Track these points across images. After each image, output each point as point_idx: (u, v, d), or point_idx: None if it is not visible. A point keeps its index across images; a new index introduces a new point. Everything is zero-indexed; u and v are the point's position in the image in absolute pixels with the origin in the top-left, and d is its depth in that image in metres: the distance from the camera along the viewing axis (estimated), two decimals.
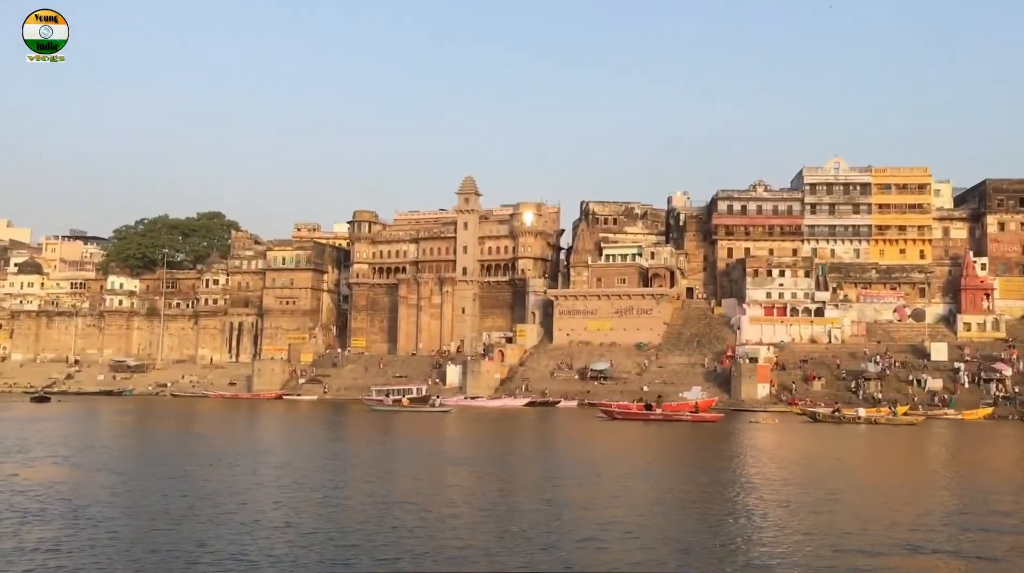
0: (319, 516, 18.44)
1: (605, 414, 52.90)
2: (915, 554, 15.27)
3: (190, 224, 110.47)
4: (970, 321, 73.93)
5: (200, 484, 23.26)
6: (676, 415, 52.13)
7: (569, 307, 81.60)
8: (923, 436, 44.11)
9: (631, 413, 52.86)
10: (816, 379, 67.56)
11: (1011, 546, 16.21)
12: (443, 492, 22.50)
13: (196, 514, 18.44)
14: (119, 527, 16.98)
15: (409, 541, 15.60)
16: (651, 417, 51.45)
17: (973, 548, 15.86)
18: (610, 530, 16.90)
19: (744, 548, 15.70)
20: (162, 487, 22.40)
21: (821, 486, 24.04)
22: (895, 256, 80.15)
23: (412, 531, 16.57)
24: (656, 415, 51.88)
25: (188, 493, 21.33)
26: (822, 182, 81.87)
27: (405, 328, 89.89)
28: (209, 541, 15.49)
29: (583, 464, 28.69)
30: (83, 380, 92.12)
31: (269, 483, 23.66)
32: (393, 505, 19.80)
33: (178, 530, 16.67)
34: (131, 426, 49.65)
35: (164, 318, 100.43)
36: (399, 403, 64.63)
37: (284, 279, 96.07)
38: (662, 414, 52.22)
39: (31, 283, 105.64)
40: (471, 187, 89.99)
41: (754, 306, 77.05)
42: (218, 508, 19.19)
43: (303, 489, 22.33)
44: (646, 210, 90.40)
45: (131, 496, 21.28)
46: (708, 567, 14.24)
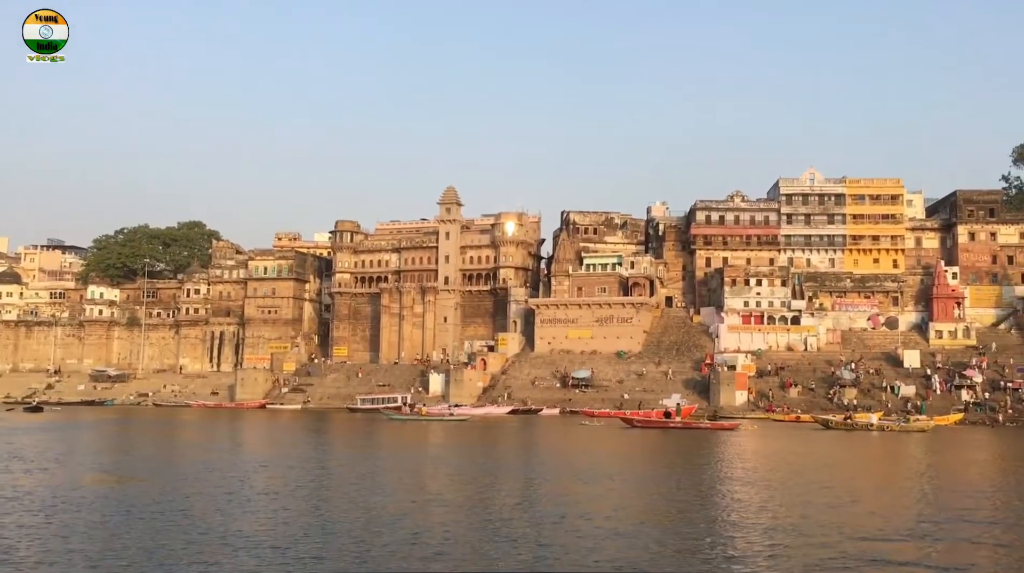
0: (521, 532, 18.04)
1: (625, 422, 53.67)
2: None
3: (170, 233, 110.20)
4: (942, 329, 75.75)
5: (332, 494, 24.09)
6: (695, 423, 54.12)
7: (550, 316, 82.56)
8: (946, 442, 44.79)
9: (651, 421, 53.83)
10: (793, 386, 68.93)
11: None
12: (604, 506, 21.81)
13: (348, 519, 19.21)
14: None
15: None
16: (670, 425, 52.49)
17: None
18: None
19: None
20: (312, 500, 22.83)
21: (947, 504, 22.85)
22: (869, 265, 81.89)
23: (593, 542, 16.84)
24: (675, 423, 53.00)
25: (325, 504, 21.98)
26: (798, 193, 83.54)
27: (387, 337, 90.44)
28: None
29: (680, 476, 28.63)
30: (64, 390, 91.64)
31: (401, 495, 23.80)
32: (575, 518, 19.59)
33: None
34: (148, 435, 50.44)
35: (145, 328, 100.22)
36: (419, 412, 64.95)
37: (266, 288, 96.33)
38: (681, 422, 53.47)
39: (10, 293, 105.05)
40: (453, 197, 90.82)
41: (732, 314, 78.39)
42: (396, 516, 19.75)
43: (478, 509, 21.56)
44: (625, 220, 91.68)
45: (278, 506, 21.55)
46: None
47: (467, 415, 63.86)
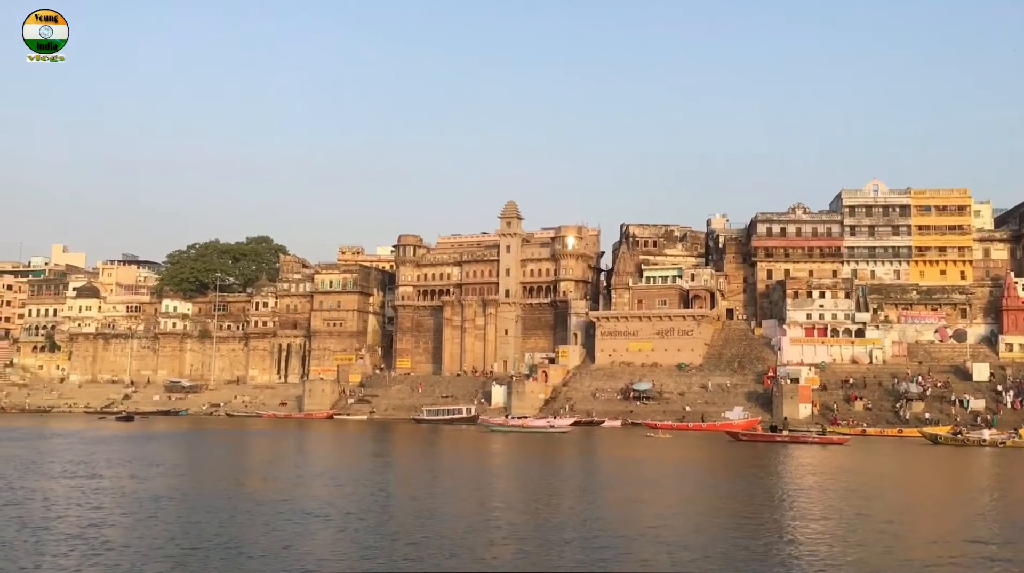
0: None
1: (730, 436, 53.89)
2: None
3: (240, 248, 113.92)
4: (1012, 342, 74.33)
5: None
6: (802, 437, 53.49)
7: (611, 328, 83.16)
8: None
9: (757, 435, 54.05)
10: (858, 400, 68.37)
11: None
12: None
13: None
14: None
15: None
16: (777, 438, 52.51)
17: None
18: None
19: None
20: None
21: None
22: (935, 277, 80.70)
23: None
24: (783, 437, 53.02)
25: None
26: (861, 204, 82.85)
27: (449, 349, 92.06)
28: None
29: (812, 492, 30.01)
30: (140, 401, 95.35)
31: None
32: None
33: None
34: (254, 444, 53.87)
35: (216, 340, 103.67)
36: (523, 426, 65.61)
37: (331, 302, 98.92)
38: (788, 436, 53.36)
39: (89, 307, 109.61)
40: (513, 211, 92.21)
41: (794, 327, 78.00)
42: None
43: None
44: (685, 232, 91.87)
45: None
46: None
47: (566, 428, 64.48)
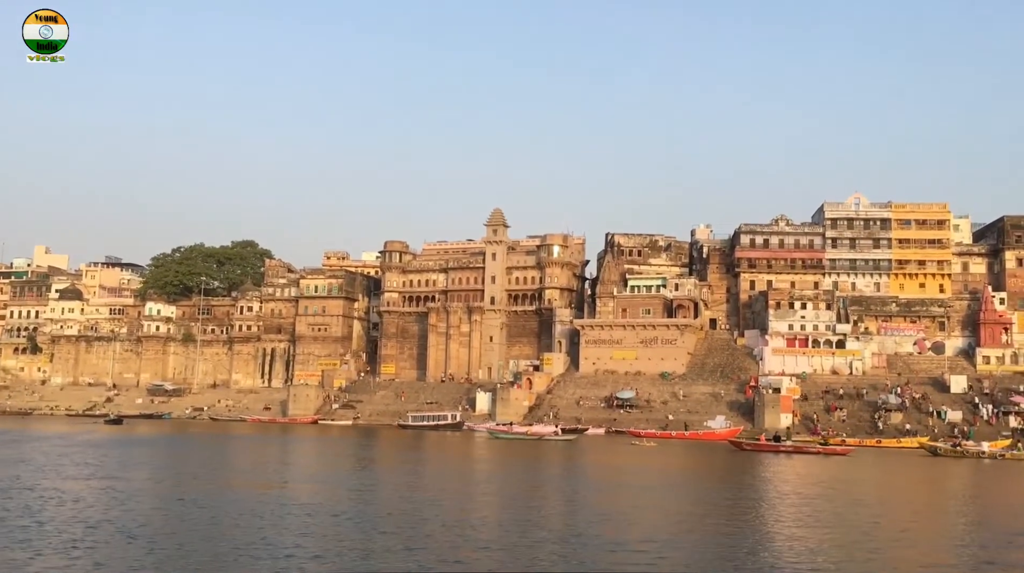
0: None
1: (734, 446, 54.23)
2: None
3: (225, 252, 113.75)
4: (989, 354, 75.71)
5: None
6: (806, 447, 54.01)
7: (595, 337, 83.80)
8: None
9: (761, 445, 54.54)
10: (838, 410, 69.33)
11: None
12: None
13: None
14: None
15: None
16: (781, 449, 52.93)
17: None
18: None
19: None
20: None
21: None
22: (915, 290, 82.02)
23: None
24: (786, 447, 53.47)
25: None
26: (843, 217, 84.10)
27: (434, 355, 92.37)
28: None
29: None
30: (122, 404, 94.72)
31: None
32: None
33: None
34: (245, 448, 54.20)
35: (200, 344, 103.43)
36: (528, 433, 65.81)
37: (316, 306, 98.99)
38: (792, 446, 53.81)
39: (71, 309, 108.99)
40: (499, 219, 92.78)
41: (776, 337, 78.96)
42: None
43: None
44: (670, 242, 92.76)
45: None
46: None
47: (573, 436, 65.13)
